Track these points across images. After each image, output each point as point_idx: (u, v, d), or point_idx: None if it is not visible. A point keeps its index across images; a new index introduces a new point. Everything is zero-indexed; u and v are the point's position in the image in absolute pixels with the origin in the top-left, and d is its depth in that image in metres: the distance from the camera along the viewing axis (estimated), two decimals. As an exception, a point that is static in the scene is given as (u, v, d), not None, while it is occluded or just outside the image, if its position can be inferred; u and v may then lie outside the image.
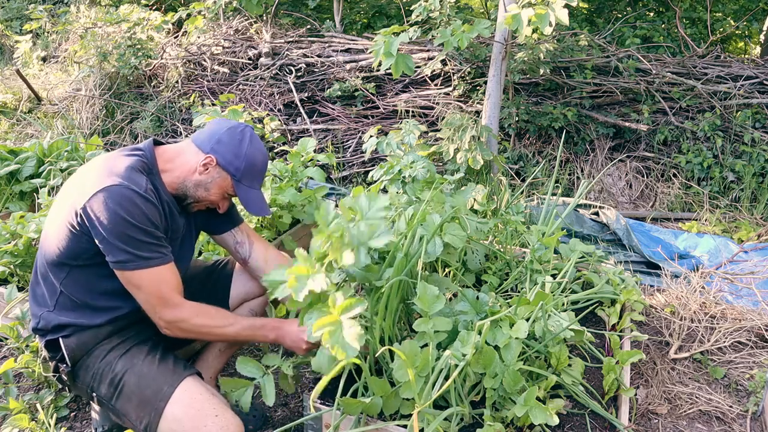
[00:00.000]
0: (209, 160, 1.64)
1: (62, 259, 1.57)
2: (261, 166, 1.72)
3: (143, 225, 1.51)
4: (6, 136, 5.21)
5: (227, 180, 1.68)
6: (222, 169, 1.66)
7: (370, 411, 1.57)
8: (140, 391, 1.56)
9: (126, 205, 1.48)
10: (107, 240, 1.48)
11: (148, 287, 1.54)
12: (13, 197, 3.11)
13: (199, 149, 1.67)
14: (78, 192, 1.53)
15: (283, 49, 5.20)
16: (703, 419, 2.06)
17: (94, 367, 1.62)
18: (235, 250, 1.89)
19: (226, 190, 1.70)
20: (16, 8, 7.76)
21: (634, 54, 4.49)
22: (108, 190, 1.48)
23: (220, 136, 1.67)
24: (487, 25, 3.08)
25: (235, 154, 1.66)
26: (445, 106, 4.55)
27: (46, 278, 1.63)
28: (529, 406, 1.51)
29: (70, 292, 1.60)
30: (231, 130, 1.68)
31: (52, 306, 1.62)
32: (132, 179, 1.53)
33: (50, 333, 1.62)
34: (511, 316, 1.68)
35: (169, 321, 1.58)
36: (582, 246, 2.40)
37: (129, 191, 1.50)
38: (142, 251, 1.51)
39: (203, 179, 1.66)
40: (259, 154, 1.71)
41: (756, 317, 2.55)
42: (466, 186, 2.69)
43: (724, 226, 3.73)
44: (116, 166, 1.55)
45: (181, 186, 1.67)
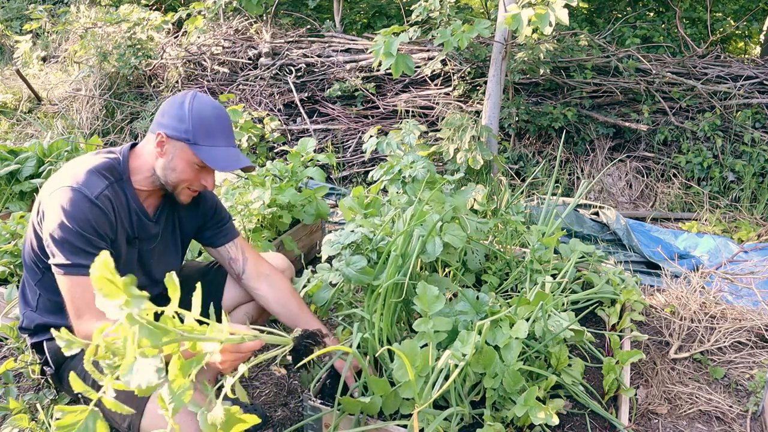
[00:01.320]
0: (159, 137, 1.55)
1: (34, 260, 1.57)
2: (213, 120, 1.57)
3: (81, 229, 1.45)
4: (6, 136, 5.21)
5: (185, 149, 1.55)
6: (175, 141, 1.55)
7: (369, 410, 1.57)
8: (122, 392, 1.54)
9: (70, 209, 1.44)
10: (50, 240, 1.45)
11: (70, 295, 1.46)
12: (13, 197, 3.11)
13: (151, 132, 1.59)
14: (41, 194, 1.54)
15: (283, 49, 5.20)
16: (703, 419, 2.06)
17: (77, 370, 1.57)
18: (229, 266, 1.86)
19: (192, 160, 1.57)
20: (16, 8, 7.77)
21: (634, 54, 4.49)
22: (60, 190, 1.46)
23: (163, 108, 1.58)
24: (487, 25, 3.08)
25: (180, 118, 1.54)
26: (445, 106, 4.55)
27: (27, 280, 1.63)
28: (529, 406, 1.51)
29: (46, 294, 1.58)
30: (171, 100, 1.59)
31: (35, 306, 1.62)
32: (88, 183, 1.49)
33: (34, 334, 1.63)
34: (511, 316, 1.68)
35: (84, 335, 1.42)
36: (582, 246, 2.40)
37: (77, 194, 1.46)
38: (76, 257, 1.44)
39: (165, 160, 1.57)
40: (206, 108, 1.57)
41: (756, 317, 2.55)
42: (466, 186, 2.69)
43: (724, 226, 3.73)
44: (80, 168, 1.52)
45: (154, 178, 1.61)
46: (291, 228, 2.82)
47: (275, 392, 2.17)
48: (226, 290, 1.93)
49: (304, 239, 2.94)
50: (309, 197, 2.79)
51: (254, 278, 1.84)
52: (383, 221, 2.18)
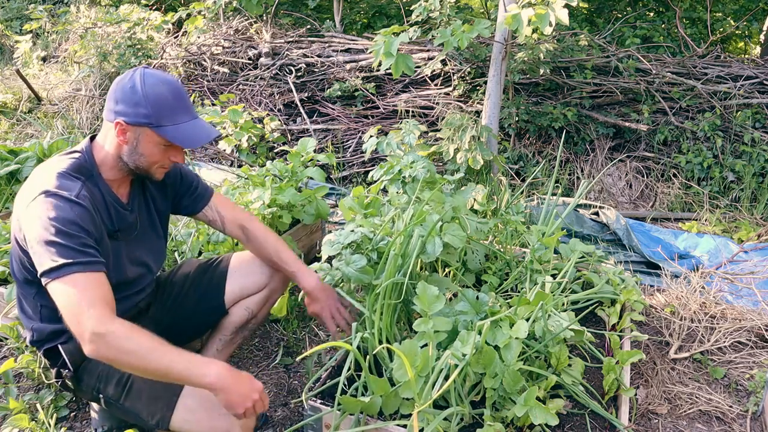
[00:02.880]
0: (119, 125, 1.51)
1: (26, 276, 1.55)
2: (171, 97, 1.52)
3: (66, 228, 1.40)
4: (6, 136, 5.21)
5: (148, 132, 1.52)
6: (136, 126, 1.51)
7: (369, 410, 1.57)
8: (151, 388, 1.56)
9: (52, 211, 1.41)
10: (35, 249, 1.40)
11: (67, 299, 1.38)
12: (13, 197, 3.11)
13: (108, 121, 1.55)
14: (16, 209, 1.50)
15: (283, 49, 5.20)
16: (703, 419, 2.06)
17: (98, 369, 1.61)
18: (213, 226, 1.94)
19: (156, 141, 1.54)
20: (16, 8, 7.77)
21: (634, 54, 4.48)
22: (36, 200, 1.43)
23: (115, 95, 1.52)
24: (487, 25, 3.08)
25: (135, 103, 1.49)
26: (445, 106, 4.55)
27: (24, 294, 1.61)
28: (529, 406, 1.51)
29: (47, 304, 1.54)
30: (120, 83, 1.52)
31: (39, 318, 1.60)
32: (62, 186, 1.46)
33: (47, 342, 1.61)
34: (511, 316, 1.68)
35: (97, 333, 1.34)
36: (582, 246, 2.40)
37: (56, 197, 1.43)
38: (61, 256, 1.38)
39: (130, 147, 1.54)
40: (159, 85, 1.51)
41: (756, 317, 2.55)
42: (466, 186, 2.69)
43: (724, 226, 3.73)
44: (49, 174, 1.49)
45: (121, 165, 1.58)
46: (291, 228, 2.82)
47: (275, 392, 2.17)
48: (227, 286, 1.94)
49: (304, 239, 2.94)
50: (309, 197, 2.79)
51: (233, 230, 1.93)
52: (383, 221, 2.18)
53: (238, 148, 4.26)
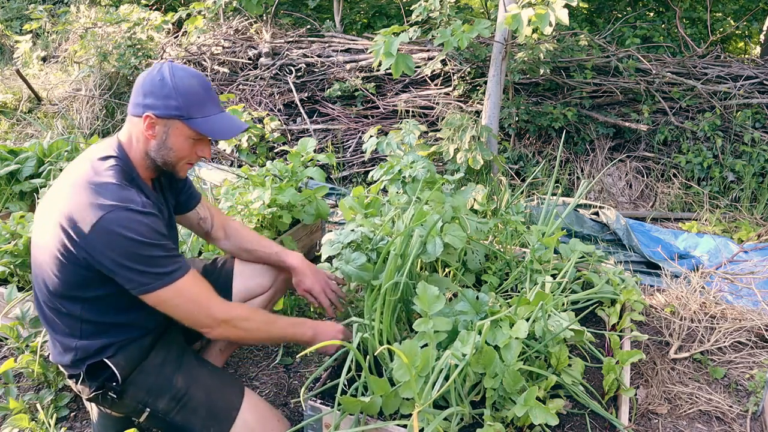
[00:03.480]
0: (149, 119, 1.49)
1: (70, 292, 1.48)
2: (200, 89, 1.52)
3: (155, 240, 1.43)
4: (6, 136, 5.21)
5: (179, 125, 1.51)
6: (166, 119, 1.49)
7: (369, 410, 1.57)
8: (211, 404, 1.61)
9: (133, 226, 1.39)
10: (124, 268, 1.40)
11: (182, 299, 1.47)
12: (13, 197, 3.11)
13: (136, 116, 1.51)
14: (66, 224, 1.40)
15: (283, 49, 5.20)
16: (703, 419, 2.06)
17: (148, 383, 1.58)
18: (199, 225, 1.91)
19: (187, 134, 1.53)
20: (16, 8, 7.77)
21: (634, 54, 4.49)
22: (107, 218, 1.38)
23: (142, 89, 1.50)
24: (487, 25, 3.08)
25: (166, 96, 1.48)
26: (445, 106, 4.55)
27: (59, 310, 1.51)
28: (529, 406, 1.51)
29: (90, 319, 1.51)
30: (148, 77, 1.51)
31: (79, 335, 1.52)
32: (124, 198, 1.42)
33: (91, 357, 1.54)
34: (511, 316, 1.68)
35: (224, 320, 1.52)
36: (582, 246, 2.40)
37: (128, 212, 1.40)
38: (161, 267, 1.43)
39: (159, 141, 1.52)
40: (189, 78, 1.51)
41: (756, 317, 2.55)
42: (466, 186, 2.69)
43: (724, 226, 3.73)
44: (102, 187, 1.43)
45: (150, 162, 1.56)
46: (291, 228, 2.82)
47: (275, 392, 2.17)
48: (234, 287, 1.95)
49: (304, 239, 2.94)
50: (309, 197, 2.79)
51: (217, 230, 1.95)
52: (383, 221, 2.18)
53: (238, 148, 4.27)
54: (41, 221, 1.51)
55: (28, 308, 2.10)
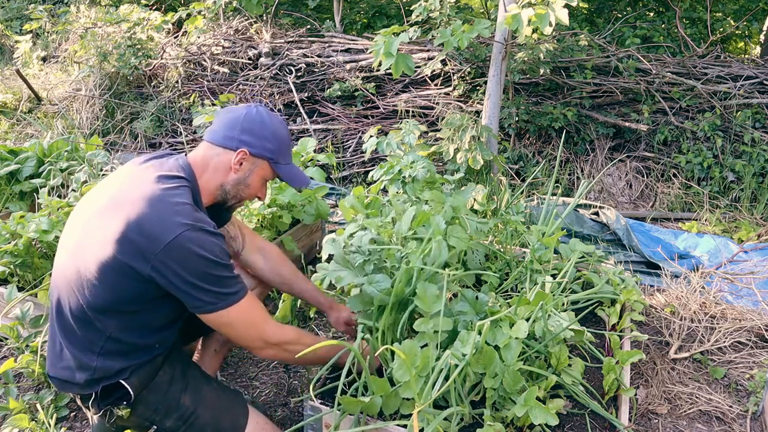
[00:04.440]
0: (242, 154, 1.54)
1: (115, 306, 1.43)
2: (287, 138, 1.64)
3: (225, 261, 1.44)
4: (6, 136, 5.21)
5: (265, 166, 1.60)
6: (256, 158, 1.57)
7: (369, 410, 1.57)
8: (217, 424, 1.62)
9: (207, 245, 1.40)
10: (193, 286, 1.39)
11: (240, 320, 1.49)
12: (13, 197, 3.11)
13: (225, 147, 1.55)
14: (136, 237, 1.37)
15: (283, 49, 5.20)
16: (703, 419, 2.06)
17: (155, 401, 1.57)
18: (228, 244, 1.88)
19: (265, 176, 1.62)
20: (16, 8, 7.77)
21: (634, 54, 4.48)
22: (184, 236, 1.37)
23: (240, 125, 1.56)
24: (487, 25, 3.08)
25: (264, 137, 1.56)
26: (445, 106, 4.55)
27: (90, 323, 1.45)
28: (529, 406, 1.51)
29: (119, 337, 1.47)
30: (247, 116, 1.57)
31: (98, 351, 1.47)
32: (198, 218, 1.43)
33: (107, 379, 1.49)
34: (511, 316, 1.68)
35: (275, 343, 1.56)
36: (582, 246, 2.40)
37: (203, 233, 1.41)
38: (226, 288, 1.45)
39: (240, 176, 1.57)
40: (282, 127, 1.62)
41: (756, 317, 2.55)
42: (466, 186, 2.69)
43: (724, 226, 3.73)
44: (177, 207, 1.42)
45: (219, 193, 1.59)
46: (291, 228, 2.82)
47: (275, 392, 2.17)
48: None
49: (304, 239, 2.94)
50: (309, 197, 2.79)
51: (251, 252, 1.91)
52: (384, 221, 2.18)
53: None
54: (91, 224, 1.45)
55: (28, 308, 2.10)
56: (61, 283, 1.47)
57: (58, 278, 1.49)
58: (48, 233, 2.28)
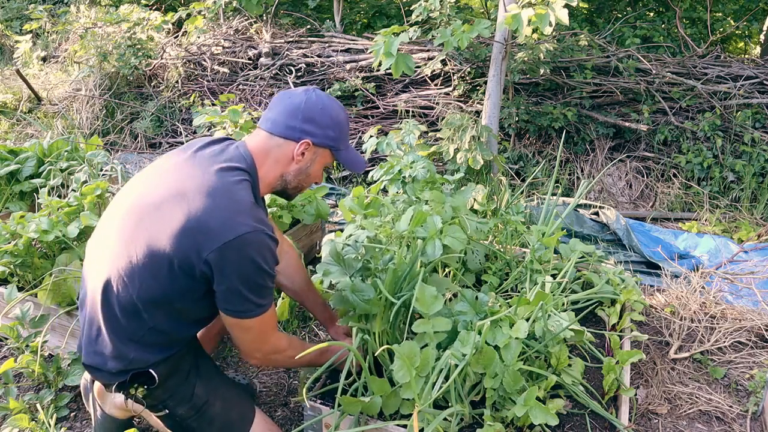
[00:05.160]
0: (305, 145, 1.52)
1: (165, 299, 1.42)
2: (347, 123, 1.61)
3: (273, 270, 1.43)
4: (6, 136, 5.21)
5: (326, 154, 1.58)
6: (318, 147, 1.55)
7: (369, 411, 1.57)
8: (226, 416, 1.64)
9: (264, 253, 1.38)
10: (236, 290, 1.38)
11: (257, 329, 1.49)
12: (13, 197, 3.11)
13: (286, 138, 1.52)
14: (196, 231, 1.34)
15: (283, 49, 5.20)
16: (703, 419, 2.06)
17: (173, 388, 1.58)
18: None
19: (326, 163, 1.60)
20: (16, 8, 7.77)
21: (634, 54, 4.48)
22: (244, 239, 1.34)
23: (302, 114, 1.51)
24: (487, 25, 3.08)
25: (325, 125, 1.53)
26: (445, 106, 4.55)
27: (135, 314, 1.43)
28: (529, 406, 1.51)
29: (161, 329, 1.47)
30: (307, 102, 1.52)
31: (137, 341, 1.46)
32: (260, 219, 1.40)
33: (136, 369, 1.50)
34: (511, 316, 1.68)
35: (268, 352, 1.58)
36: (582, 246, 2.40)
37: (265, 237, 1.38)
38: (262, 299, 1.44)
39: (302, 165, 1.55)
40: (341, 111, 1.58)
41: (756, 317, 2.55)
42: (466, 186, 2.69)
43: (724, 226, 3.73)
44: (241, 204, 1.39)
45: (279, 183, 1.57)
46: (291, 228, 2.82)
47: (275, 392, 2.17)
48: None
49: (304, 239, 2.94)
50: (309, 197, 2.79)
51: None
52: (383, 222, 2.18)
53: (238, 148, 4.26)
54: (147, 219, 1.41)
55: (28, 308, 2.10)
56: (114, 271, 1.43)
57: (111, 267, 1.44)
58: (48, 233, 2.27)
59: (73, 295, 2.17)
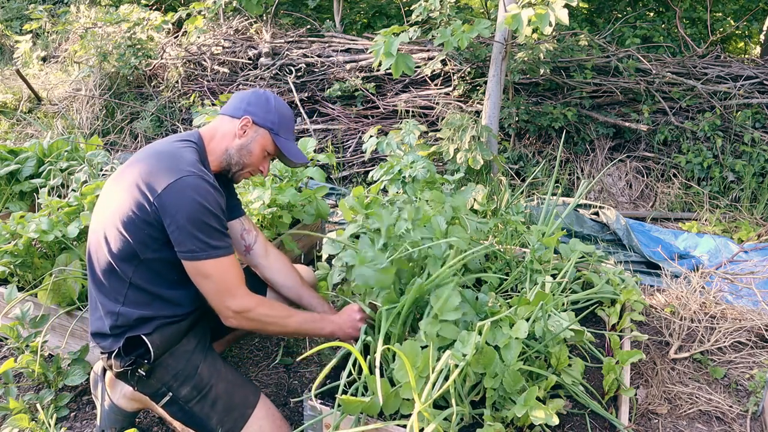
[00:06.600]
0: (246, 121, 1.72)
1: (129, 252, 1.57)
2: (290, 119, 1.82)
3: (217, 212, 1.56)
4: (6, 136, 5.21)
5: (266, 136, 1.75)
6: (259, 127, 1.74)
7: (369, 411, 1.57)
8: (229, 398, 1.67)
9: (203, 193, 1.53)
10: (184, 228, 1.50)
11: (217, 276, 1.57)
12: (13, 197, 3.11)
13: (232, 116, 1.75)
14: (143, 183, 1.54)
15: (283, 49, 5.20)
16: (703, 419, 2.06)
17: (176, 368, 1.65)
18: (241, 236, 1.94)
19: (267, 147, 1.76)
20: (16, 8, 7.77)
21: (634, 54, 4.49)
22: (184, 180, 1.52)
23: (248, 99, 1.76)
24: (487, 25, 3.08)
25: (267, 110, 1.75)
26: (445, 106, 4.55)
27: (112, 273, 1.60)
28: (529, 406, 1.51)
29: (140, 284, 1.60)
30: (255, 93, 1.78)
31: (122, 302, 1.61)
32: (200, 169, 1.58)
33: (131, 329, 1.61)
34: (511, 316, 1.68)
35: (237, 311, 1.61)
36: (582, 246, 2.40)
37: (203, 180, 1.55)
38: (213, 239, 1.55)
39: (244, 141, 1.73)
40: (286, 108, 1.81)
41: (756, 317, 2.55)
42: (466, 186, 2.69)
43: (724, 226, 3.73)
44: (182, 158, 1.59)
45: (225, 157, 1.74)
46: (291, 228, 2.82)
47: (275, 392, 2.17)
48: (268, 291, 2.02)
49: (304, 239, 2.94)
50: (309, 197, 2.79)
51: (261, 254, 1.95)
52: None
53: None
54: (111, 189, 1.63)
55: (28, 308, 2.10)
56: (93, 243, 1.64)
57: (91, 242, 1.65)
58: (48, 233, 2.27)
59: (73, 295, 2.17)
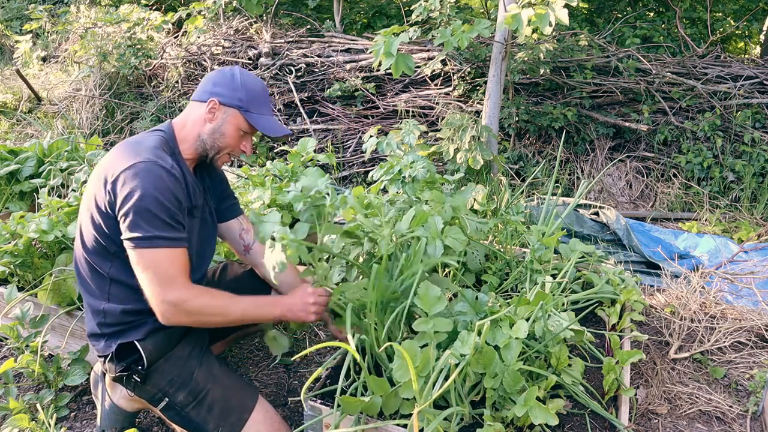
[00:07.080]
0: (213, 103, 1.66)
1: (104, 246, 1.56)
2: (261, 91, 1.72)
3: (167, 202, 1.50)
4: (6, 136, 5.21)
5: (237, 115, 1.68)
6: (227, 107, 1.67)
7: (369, 410, 1.57)
8: (225, 403, 1.66)
9: (156, 183, 1.49)
10: (129, 213, 1.47)
11: (156, 267, 1.50)
12: (13, 197, 3.11)
13: (200, 101, 1.69)
14: (105, 172, 1.53)
15: (283, 49, 5.20)
16: (703, 419, 2.06)
17: (171, 374, 1.64)
18: (240, 236, 1.92)
19: (240, 126, 1.69)
20: (16, 8, 7.77)
21: (634, 54, 4.49)
22: (136, 166, 1.49)
23: (213, 80, 1.70)
24: (487, 25, 3.08)
25: (233, 88, 1.67)
26: (445, 106, 4.55)
27: (93, 271, 1.61)
28: (529, 406, 1.51)
29: (120, 279, 1.59)
30: (220, 72, 1.71)
31: (107, 298, 1.60)
32: (158, 156, 1.55)
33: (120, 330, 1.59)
34: (511, 316, 1.68)
35: (173, 302, 1.51)
36: (582, 246, 2.40)
37: (157, 167, 1.51)
38: (155, 229, 1.49)
39: (215, 125, 1.67)
40: (254, 80, 1.72)
41: (756, 317, 2.55)
42: (466, 186, 2.69)
43: (724, 226, 3.73)
44: (141, 146, 1.57)
45: (199, 144, 1.69)
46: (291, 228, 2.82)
47: (275, 392, 2.17)
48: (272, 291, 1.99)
49: (304, 239, 2.94)
50: (309, 197, 2.79)
51: (261, 254, 1.91)
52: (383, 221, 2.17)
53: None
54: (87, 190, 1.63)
55: (28, 308, 2.10)
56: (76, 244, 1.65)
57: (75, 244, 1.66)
58: (48, 233, 2.27)
59: (73, 295, 2.17)
